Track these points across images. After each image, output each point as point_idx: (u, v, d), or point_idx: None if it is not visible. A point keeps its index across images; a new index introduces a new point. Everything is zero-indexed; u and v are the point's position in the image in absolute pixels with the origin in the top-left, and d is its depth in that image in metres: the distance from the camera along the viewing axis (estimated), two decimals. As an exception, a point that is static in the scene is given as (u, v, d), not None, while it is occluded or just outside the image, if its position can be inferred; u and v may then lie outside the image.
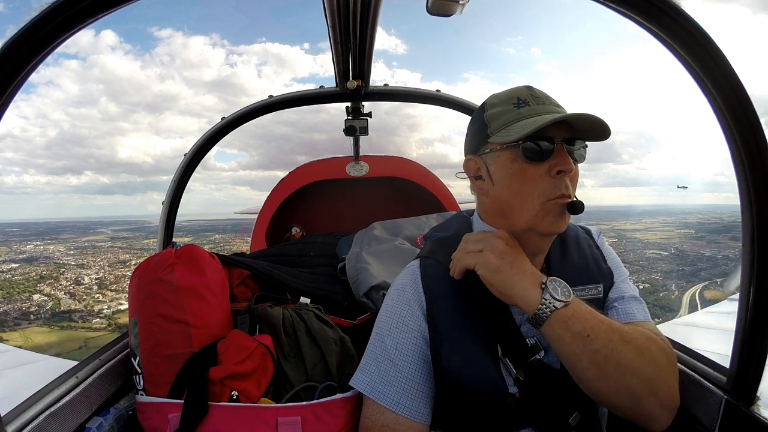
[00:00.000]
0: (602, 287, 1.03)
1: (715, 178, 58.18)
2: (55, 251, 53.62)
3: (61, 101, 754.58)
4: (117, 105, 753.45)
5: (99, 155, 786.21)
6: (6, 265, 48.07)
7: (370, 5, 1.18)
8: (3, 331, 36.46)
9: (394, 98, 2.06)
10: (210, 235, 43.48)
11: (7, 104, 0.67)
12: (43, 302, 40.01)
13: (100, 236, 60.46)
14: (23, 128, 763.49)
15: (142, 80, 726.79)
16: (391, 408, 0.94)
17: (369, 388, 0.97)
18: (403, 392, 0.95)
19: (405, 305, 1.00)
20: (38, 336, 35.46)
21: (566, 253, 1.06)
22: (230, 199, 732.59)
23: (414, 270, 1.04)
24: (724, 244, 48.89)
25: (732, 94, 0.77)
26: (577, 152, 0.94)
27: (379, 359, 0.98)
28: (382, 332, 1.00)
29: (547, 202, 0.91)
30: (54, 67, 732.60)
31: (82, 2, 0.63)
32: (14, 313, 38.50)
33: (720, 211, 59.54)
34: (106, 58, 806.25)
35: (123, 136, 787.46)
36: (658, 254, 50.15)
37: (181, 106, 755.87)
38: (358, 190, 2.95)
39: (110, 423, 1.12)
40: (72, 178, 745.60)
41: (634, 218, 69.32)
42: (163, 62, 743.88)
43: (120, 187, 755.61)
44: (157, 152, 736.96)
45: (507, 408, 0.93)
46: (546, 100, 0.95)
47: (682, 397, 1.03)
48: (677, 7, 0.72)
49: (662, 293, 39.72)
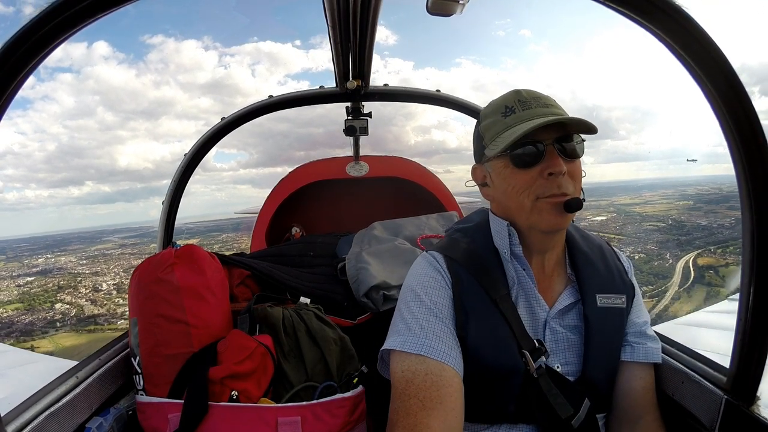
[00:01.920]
0: (625, 298, 1.06)
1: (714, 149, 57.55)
2: (67, 262, 54.99)
3: (59, 114, 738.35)
4: (114, 114, 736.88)
5: (99, 165, 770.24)
6: (21, 279, 49.56)
7: (370, 5, 1.18)
8: (33, 339, 37.64)
9: (394, 98, 2.06)
10: (217, 235, 44.18)
11: (7, 104, 0.67)
12: (66, 310, 41.62)
13: (108, 245, 61.90)
14: (22, 144, 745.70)
15: (137, 87, 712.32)
16: (434, 356, 0.89)
17: (410, 344, 0.91)
18: (446, 342, 0.92)
19: (434, 272, 1.01)
20: (67, 340, 36.86)
21: (592, 261, 1.07)
22: (232, 199, 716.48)
23: (432, 257, 1.06)
24: (721, 214, 49.25)
25: (732, 95, 0.76)
26: (572, 148, 0.96)
27: (417, 315, 0.95)
28: (416, 292, 0.99)
29: (538, 201, 0.94)
30: (49, 82, 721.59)
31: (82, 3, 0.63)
32: (40, 323, 39.93)
33: (720, 181, 59.66)
34: (100, 69, 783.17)
35: (122, 144, 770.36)
36: (655, 226, 50.54)
37: (177, 110, 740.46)
38: (358, 190, 2.95)
39: (110, 423, 1.12)
40: (74, 190, 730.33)
41: (633, 192, 69.64)
42: (157, 69, 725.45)
43: (121, 194, 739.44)
44: (157, 157, 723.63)
45: (522, 391, 0.94)
46: (533, 102, 0.96)
47: (683, 397, 1.03)
48: (677, 7, 0.72)
49: (657, 262, 40.56)
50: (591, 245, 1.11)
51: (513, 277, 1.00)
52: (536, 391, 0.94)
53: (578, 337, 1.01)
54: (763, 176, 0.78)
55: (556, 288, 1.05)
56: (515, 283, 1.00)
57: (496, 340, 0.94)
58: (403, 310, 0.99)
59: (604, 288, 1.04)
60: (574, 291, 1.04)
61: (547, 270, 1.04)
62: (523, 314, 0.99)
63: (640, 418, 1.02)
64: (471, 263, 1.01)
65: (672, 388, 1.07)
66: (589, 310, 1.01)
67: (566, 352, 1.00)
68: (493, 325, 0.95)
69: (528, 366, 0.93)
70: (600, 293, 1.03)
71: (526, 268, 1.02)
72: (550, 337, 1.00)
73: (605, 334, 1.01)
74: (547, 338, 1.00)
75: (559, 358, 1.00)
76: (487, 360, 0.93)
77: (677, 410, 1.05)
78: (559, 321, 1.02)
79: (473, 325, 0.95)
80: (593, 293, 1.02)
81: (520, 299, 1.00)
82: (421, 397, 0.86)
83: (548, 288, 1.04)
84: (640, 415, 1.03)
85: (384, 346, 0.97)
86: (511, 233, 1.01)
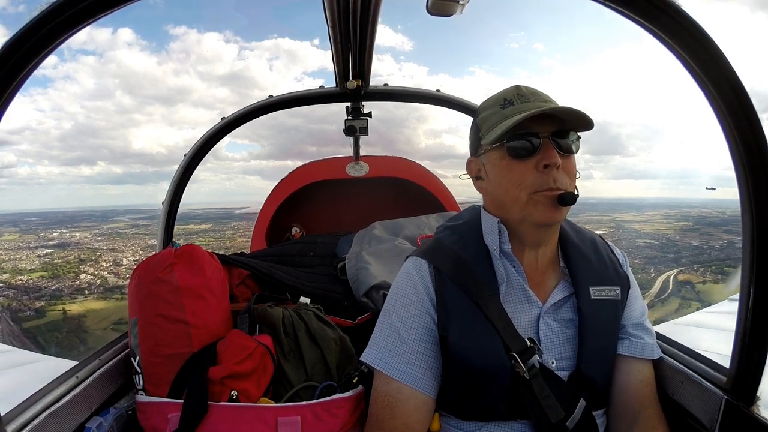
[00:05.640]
0: (620, 290, 1.06)
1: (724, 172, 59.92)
2: (83, 238, 56.14)
3: (78, 95, 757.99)
4: (132, 98, 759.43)
5: (113, 146, 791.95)
6: (40, 250, 51.03)
7: (370, 5, 1.18)
8: (63, 302, 40.55)
9: (394, 98, 2.06)
10: (228, 222, 45.32)
11: (8, 103, 0.67)
12: (90, 281, 44.10)
13: (120, 224, 62.55)
14: (39, 121, 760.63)
15: (157, 74, 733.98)
16: (394, 377, 0.97)
17: (376, 360, 1.00)
18: (407, 362, 0.98)
19: (410, 284, 1.03)
20: (97, 305, 39.53)
21: (584, 253, 1.08)
22: (240, 189, 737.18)
23: (416, 262, 1.06)
24: (716, 236, 50.89)
25: (732, 95, 0.77)
26: (567, 144, 0.96)
27: (386, 333, 1.02)
28: (389, 309, 1.05)
29: (534, 194, 0.94)
30: (71, 63, 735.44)
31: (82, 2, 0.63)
32: (67, 290, 42.55)
33: (725, 205, 60.66)
34: (123, 54, 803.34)
35: (137, 128, 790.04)
36: (647, 243, 52.53)
37: (194, 98, 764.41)
38: (358, 190, 2.95)
39: (110, 423, 1.12)
40: (85, 169, 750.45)
41: (637, 210, 71.12)
42: (179, 58, 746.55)
43: (132, 177, 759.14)
44: (170, 143, 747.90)
45: (511, 391, 0.94)
46: (532, 97, 0.97)
47: (682, 397, 1.03)
48: (677, 7, 0.72)
49: (640, 275, 42.70)
50: (583, 238, 1.11)
51: (503, 275, 1.00)
52: (528, 392, 0.94)
53: (573, 330, 1.01)
54: (764, 176, 0.78)
55: (549, 283, 1.04)
56: (504, 281, 1.00)
57: (479, 342, 0.95)
58: (381, 320, 1.06)
59: (598, 280, 1.04)
60: (567, 285, 1.04)
61: (540, 265, 1.04)
62: (513, 312, 0.99)
63: (640, 412, 1.02)
64: (454, 267, 1.01)
65: (672, 389, 1.07)
66: (582, 303, 1.01)
67: (561, 347, 1.00)
68: (476, 327, 0.96)
69: (517, 368, 0.93)
70: (593, 285, 1.03)
71: (516, 265, 1.02)
72: (545, 332, 1.00)
73: (600, 327, 1.01)
74: (541, 334, 0.99)
75: (554, 354, 1.00)
76: (470, 361, 0.94)
77: (677, 410, 1.05)
78: (553, 316, 1.02)
79: (455, 326, 0.96)
80: (587, 286, 1.02)
81: (510, 297, 1.00)
82: (377, 415, 0.98)
83: (541, 283, 1.04)
84: (639, 409, 1.02)
85: (362, 356, 1.04)
86: (501, 230, 1.02)
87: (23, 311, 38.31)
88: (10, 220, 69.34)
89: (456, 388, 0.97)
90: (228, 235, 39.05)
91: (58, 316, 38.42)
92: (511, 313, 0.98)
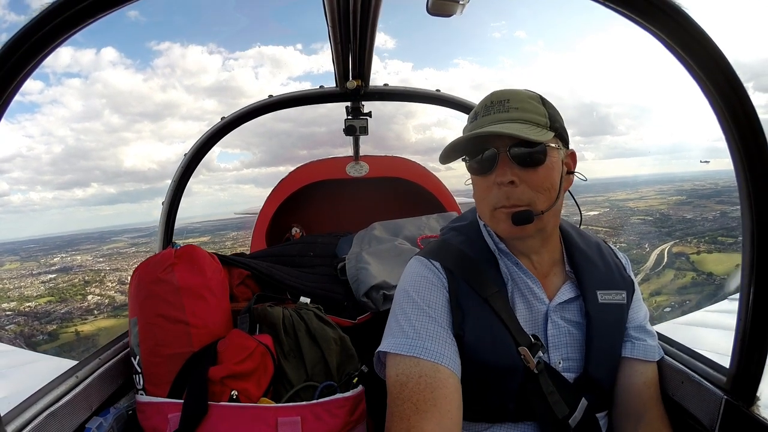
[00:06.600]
0: (625, 294, 1.06)
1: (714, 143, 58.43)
2: (84, 260, 57.05)
3: (66, 118, 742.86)
4: (120, 116, 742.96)
5: (104, 166, 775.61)
6: (44, 276, 52.20)
7: (370, 5, 1.18)
8: (75, 324, 41.38)
9: (394, 98, 2.06)
10: (226, 233, 45.59)
11: (7, 104, 0.67)
12: (98, 301, 45.09)
13: (119, 243, 63.75)
14: (29, 147, 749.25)
15: (143, 91, 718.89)
16: (427, 357, 0.88)
17: (403, 346, 0.91)
18: (440, 342, 0.90)
19: (428, 272, 1.01)
20: (107, 323, 40.04)
21: (590, 258, 1.07)
22: (235, 198, 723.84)
23: (425, 259, 1.05)
24: (709, 208, 51.54)
25: (733, 95, 0.76)
26: (530, 156, 0.92)
27: (410, 316, 0.94)
28: (409, 293, 0.98)
29: (494, 210, 0.96)
30: (57, 86, 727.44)
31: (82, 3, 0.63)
32: (77, 312, 43.57)
33: (718, 177, 61.04)
34: (108, 74, 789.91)
35: (127, 146, 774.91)
36: (642, 219, 53.13)
37: (182, 112, 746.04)
38: (358, 190, 2.95)
39: (110, 423, 1.12)
40: (78, 191, 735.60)
41: (631, 188, 71.74)
42: (164, 73, 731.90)
43: (126, 195, 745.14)
44: (162, 158, 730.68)
45: (522, 388, 0.94)
46: (496, 108, 0.95)
47: (683, 397, 1.03)
48: (677, 7, 0.72)
49: (635, 250, 43.78)
50: (588, 243, 1.11)
51: (506, 273, 1.01)
52: (536, 389, 0.94)
53: (580, 333, 1.01)
54: (764, 176, 0.77)
55: (555, 283, 1.04)
56: (509, 279, 1.00)
57: (492, 338, 0.94)
58: (396, 311, 0.99)
59: (605, 284, 1.04)
60: (573, 287, 1.04)
61: (540, 269, 1.04)
62: (520, 310, 0.99)
63: (643, 414, 1.02)
64: (460, 264, 1.01)
65: (672, 388, 1.07)
66: (590, 306, 1.01)
67: (568, 347, 1.00)
68: (489, 323, 0.95)
69: (528, 362, 0.93)
70: (600, 289, 1.03)
71: (516, 263, 1.02)
72: (552, 331, 0.99)
73: (607, 330, 1.01)
74: (549, 332, 0.99)
75: (561, 353, 1.00)
76: (484, 358, 0.93)
77: (677, 410, 1.05)
78: (561, 314, 1.01)
79: (470, 324, 0.95)
80: (593, 289, 1.02)
81: (516, 295, 1.00)
82: (415, 400, 0.85)
83: (546, 283, 1.04)
84: (642, 411, 1.02)
85: (378, 348, 0.97)
86: (490, 232, 1.04)
87: (35, 336, 38.62)
88: (9, 249, 70.23)
89: (468, 388, 0.95)
90: (228, 246, 39.20)
91: (71, 337, 38.83)
92: (519, 310, 0.98)
